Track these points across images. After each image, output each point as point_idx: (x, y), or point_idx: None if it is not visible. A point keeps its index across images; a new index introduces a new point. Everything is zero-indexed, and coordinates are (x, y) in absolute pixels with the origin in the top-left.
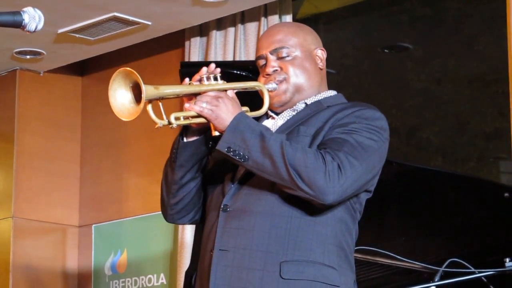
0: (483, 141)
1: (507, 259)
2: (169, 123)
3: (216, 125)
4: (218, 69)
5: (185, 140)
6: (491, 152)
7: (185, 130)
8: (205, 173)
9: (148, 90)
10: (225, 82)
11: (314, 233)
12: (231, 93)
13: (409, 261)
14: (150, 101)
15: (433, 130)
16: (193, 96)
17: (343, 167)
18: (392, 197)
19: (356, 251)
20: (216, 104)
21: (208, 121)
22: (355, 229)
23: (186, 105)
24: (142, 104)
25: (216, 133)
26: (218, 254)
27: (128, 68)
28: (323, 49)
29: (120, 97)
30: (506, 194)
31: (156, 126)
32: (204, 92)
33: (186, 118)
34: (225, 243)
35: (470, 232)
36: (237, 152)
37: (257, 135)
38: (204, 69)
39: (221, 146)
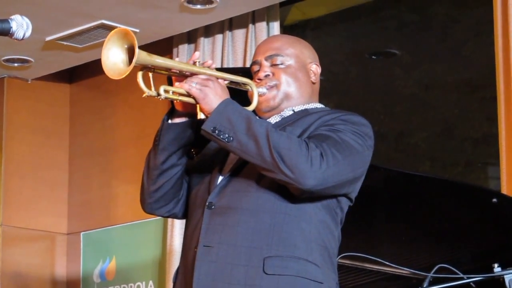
0: (471, 146)
1: (496, 265)
2: (158, 94)
3: (203, 106)
4: (211, 61)
5: (169, 121)
6: (479, 158)
7: (172, 114)
8: (190, 170)
9: (141, 54)
10: (216, 71)
11: (298, 229)
12: (221, 82)
13: (398, 267)
14: (141, 68)
15: (421, 136)
16: (183, 77)
17: (326, 156)
18: (380, 202)
19: (344, 257)
20: (206, 84)
21: (196, 101)
22: (338, 233)
23: (177, 84)
24: (132, 65)
25: (202, 116)
26: (202, 250)
27: (126, 29)
28: (318, 65)
29: (112, 56)
30: (494, 200)
31: (144, 95)
32: (196, 73)
33: (175, 94)
34: (209, 240)
35: (458, 238)
36: (222, 132)
37: (243, 117)
38: (197, 53)
39: (207, 126)
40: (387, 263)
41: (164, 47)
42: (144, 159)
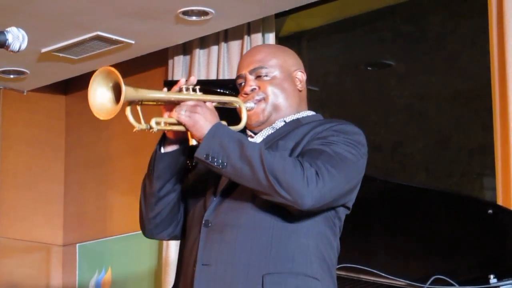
0: (466, 157)
1: (491, 276)
2: (150, 127)
3: (194, 133)
4: (195, 80)
5: (162, 150)
6: (474, 168)
7: (163, 141)
8: (186, 189)
9: (127, 91)
10: (203, 94)
11: (296, 244)
12: (209, 105)
13: (394, 278)
14: (129, 103)
15: (417, 146)
16: (172, 106)
17: (321, 173)
18: (376, 214)
19: (341, 268)
20: (194, 111)
21: (187, 129)
22: (337, 244)
23: (166, 114)
24: (120, 104)
25: (194, 142)
26: (201, 268)
27: (110, 68)
28: (303, 71)
29: (100, 96)
30: (490, 211)
31: (134, 129)
32: (183, 101)
33: (166, 124)
34: (207, 258)
35: (454, 249)
36: (215, 159)
37: (235, 141)
38: (183, 80)
39: (200, 153)
40: (383, 274)
41: (160, 58)
42: (139, 170)
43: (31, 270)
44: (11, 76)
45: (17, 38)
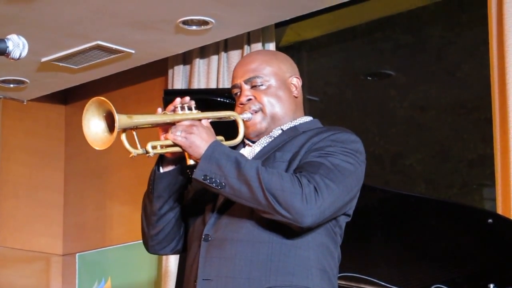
0: (466, 168)
1: (491, 285)
2: (146, 152)
3: (191, 153)
4: (193, 101)
5: (161, 170)
6: (474, 179)
7: (161, 160)
8: (185, 203)
9: (121, 119)
10: (199, 111)
11: (296, 257)
12: (205, 122)
13: (393, 287)
14: (124, 130)
15: (417, 157)
16: (168, 126)
17: (320, 190)
18: (376, 223)
19: (341, 277)
20: (190, 132)
21: (183, 150)
22: (338, 253)
23: (162, 136)
24: (115, 133)
25: (191, 162)
26: (202, 284)
27: (101, 98)
28: (299, 77)
29: (94, 126)
30: (490, 220)
31: (131, 155)
32: (178, 121)
33: (162, 147)
34: (208, 273)
35: (454, 258)
36: (213, 179)
37: (232, 161)
38: (178, 99)
39: (198, 175)
40: (383, 283)
41: (160, 68)
42: (139, 180)
43: (30, 280)
44: (11, 86)
45: (17, 45)
